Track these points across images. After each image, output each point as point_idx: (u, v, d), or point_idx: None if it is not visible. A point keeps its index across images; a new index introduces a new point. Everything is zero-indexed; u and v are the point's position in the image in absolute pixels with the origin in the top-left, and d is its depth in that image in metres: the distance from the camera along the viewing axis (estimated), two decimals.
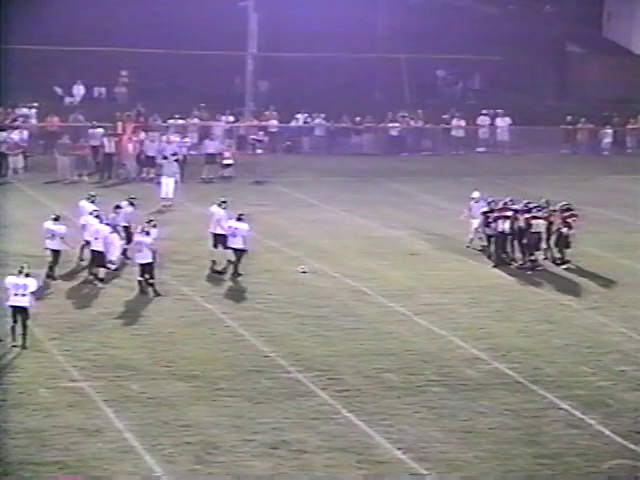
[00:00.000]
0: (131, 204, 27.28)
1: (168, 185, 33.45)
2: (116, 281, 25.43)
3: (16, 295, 20.98)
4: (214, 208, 27.05)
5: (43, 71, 44.88)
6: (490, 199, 28.46)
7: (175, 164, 34.65)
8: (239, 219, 25.90)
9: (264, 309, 24.03)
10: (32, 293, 21.07)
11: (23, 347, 20.95)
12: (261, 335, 22.26)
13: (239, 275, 25.78)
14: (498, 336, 22.73)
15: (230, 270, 26.04)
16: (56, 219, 25.36)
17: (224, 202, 27.03)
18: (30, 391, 19.04)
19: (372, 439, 17.63)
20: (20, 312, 20.95)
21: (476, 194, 29.45)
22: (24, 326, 21.02)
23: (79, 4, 46.77)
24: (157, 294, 24.39)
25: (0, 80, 39.25)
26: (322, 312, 23.84)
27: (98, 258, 25.07)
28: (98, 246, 25.04)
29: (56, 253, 25.21)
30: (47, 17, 45.15)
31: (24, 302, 20.93)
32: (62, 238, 25.10)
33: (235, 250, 25.79)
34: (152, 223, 25.30)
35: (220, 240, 26.32)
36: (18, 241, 27.52)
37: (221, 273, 25.91)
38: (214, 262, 26.38)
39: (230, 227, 25.95)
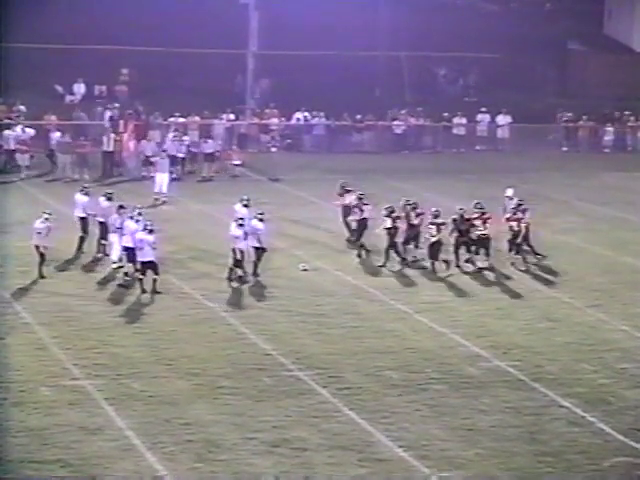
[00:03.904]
0: (108, 199, 27.33)
1: (162, 181, 33.95)
2: (117, 279, 25.42)
3: None
4: (237, 206, 27.22)
5: (44, 69, 44.90)
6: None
7: (167, 160, 35.11)
8: (259, 219, 25.79)
9: (265, 307, 24.08)
10: None
11: None
12: (262, 333, 22.29)
13: (257, 275, 25.70)
14: (499, 334, 22.75)
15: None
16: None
17: (247, 200, 27.19)
18: (31, 389, 19.09)
19: (373, 437, 17.65)
20: None
21: (510, 192, 29.34)
22: None
23: (80, 3, 46.79)
24: (156, 292, 24.37)
25: (0, 78, 39.29)
26: (323, 310, 23.88)
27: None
28: (127, 242, 25.00)
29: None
30: (48, 16, 45.20)
31: None
32: (39, 233, 25.23)
33: (255, 249, 25.75)
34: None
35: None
36: (17, 239, 27.55)
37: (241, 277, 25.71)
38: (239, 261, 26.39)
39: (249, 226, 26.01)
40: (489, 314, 24.04)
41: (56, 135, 38.27)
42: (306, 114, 44.19)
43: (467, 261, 27.04)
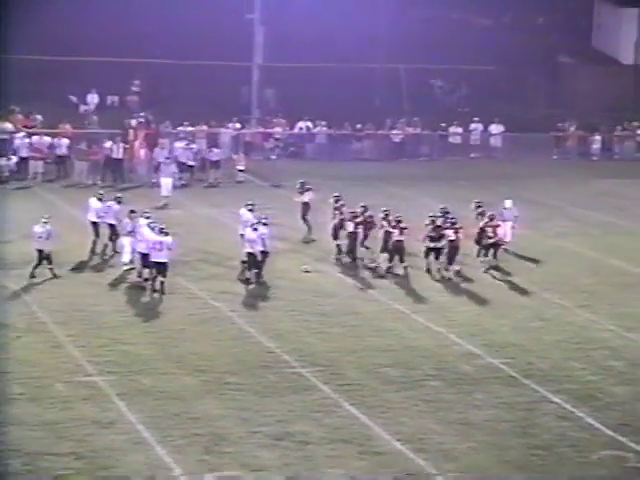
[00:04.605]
0: (118, 202, 28.04)
1: (167, 184, 34.92)
2: (128, 280, 25.91)
3: None
4: (242, 211, 27.78)
5: (58, 80, 45.19)
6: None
7: (172, 165, 36.08)
8: (263, 223, 26.16)
9: (269, 307, 24.41)
10: None
11: None
12: (266, 332, 22.62)
13: (261, 277, 25.89)
14: (492, 333, 23.07)
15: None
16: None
17: (252, 205, 27.77)
18: (46, 385, 19.45)
19: (372, 431, 17.96)
20: None
21: (508, 203, 29.61)
22: None
23: (94, 17, 47.18)
24: (162, 293, 24.75)
25: (17, 88, 39.82)
26: (325, 310, 24.20)
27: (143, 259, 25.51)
28: (142, 248, 25.39)
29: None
30: (62, 28, 45.61)
31: None
32: (40, 237, 25.72)
33: (259, 252, 25.92)
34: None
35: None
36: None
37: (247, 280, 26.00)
38: (245, 262, 26.70)
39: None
40: (483, 314, 24.34)
41: (64, 142, 39.02)
42: (309, 123, 44.57)
43: (427, 270, 27.10)
